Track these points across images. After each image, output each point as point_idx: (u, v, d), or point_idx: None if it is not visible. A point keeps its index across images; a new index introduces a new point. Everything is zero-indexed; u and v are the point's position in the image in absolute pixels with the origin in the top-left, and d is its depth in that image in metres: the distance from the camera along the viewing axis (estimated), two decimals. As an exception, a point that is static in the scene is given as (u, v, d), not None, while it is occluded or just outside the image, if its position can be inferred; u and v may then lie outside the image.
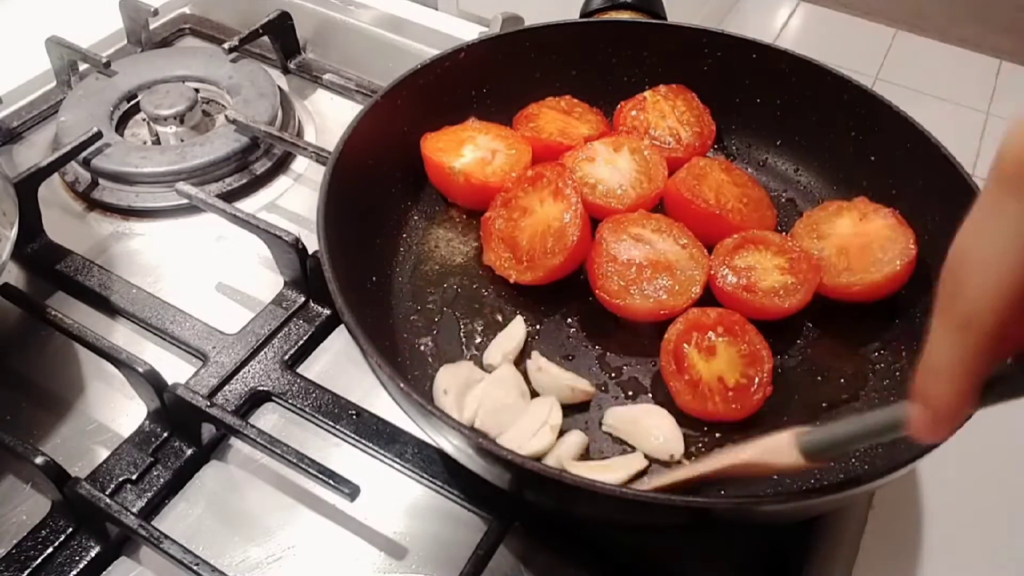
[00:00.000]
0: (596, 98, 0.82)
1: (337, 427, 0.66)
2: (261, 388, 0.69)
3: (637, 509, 0.49)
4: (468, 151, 0.76)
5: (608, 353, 0.67)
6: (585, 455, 0.60)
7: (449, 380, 0.62)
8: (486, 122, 0.78)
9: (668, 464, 0.60)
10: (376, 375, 0.55)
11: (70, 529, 0.59)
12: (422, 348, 0.67)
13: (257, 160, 0.89)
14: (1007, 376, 0.34)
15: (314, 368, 0.72)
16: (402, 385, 0.51)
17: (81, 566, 0.58)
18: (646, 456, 0.60)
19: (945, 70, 3.01)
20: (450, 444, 0.53)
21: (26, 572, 0.57)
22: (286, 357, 0.71)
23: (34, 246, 0.79)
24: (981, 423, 0.49)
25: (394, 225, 0.74)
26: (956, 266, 0.33)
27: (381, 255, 0.72)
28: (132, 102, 0.94)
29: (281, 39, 1.01)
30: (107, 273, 0.77)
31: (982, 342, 0.33)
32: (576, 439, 0.60)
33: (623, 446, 0.61)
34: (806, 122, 0.78)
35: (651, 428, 0.60)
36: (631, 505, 0.48)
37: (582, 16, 0.90)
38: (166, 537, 0.56)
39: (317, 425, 0.67)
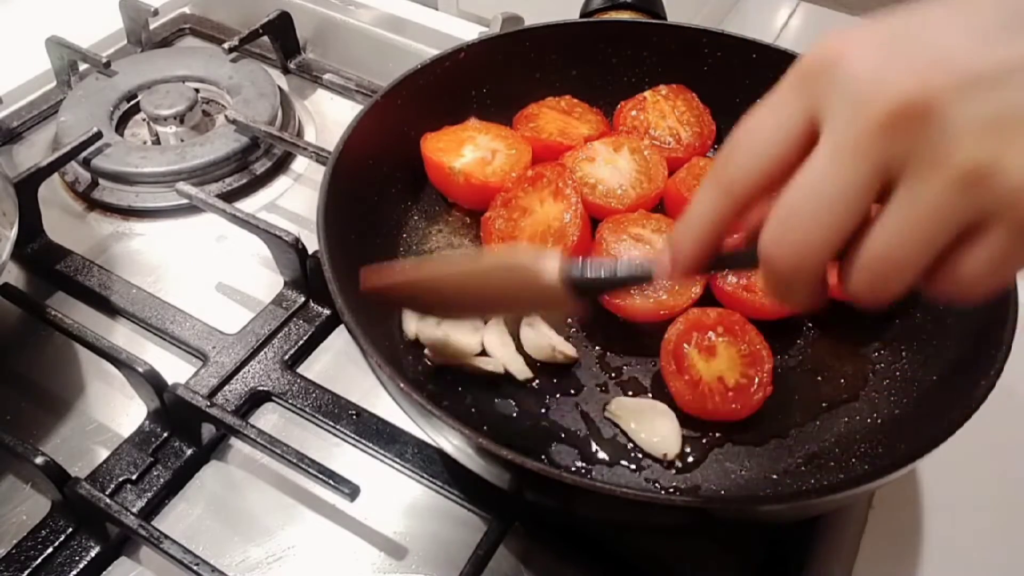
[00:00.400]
0: (596, 98, 0.82)
1: (337, 427, 0.66)
2: (261, 388, 0.69)
3: (636, 509, 0.49)
4: (468, 151, 0.75)
5: (608, 353, 0.67)
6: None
7: None
8: (486, 122, 0.78)
9: (660, 462, 0.60)
10: (376, 375, 0.55)
11: (70, 529, 0.59)
12: (422, 348, 0.67)
13: (257, 160, 0.89)
14: (737, 253, 0.41)
15: (314, 368, 0.72)
16: (402, 385, 0.51)
17: (81, 566, 0.58)
18: (641, 451, 0.60)
19: (946, 70, 3.01)
20: (450, 444, 0.53)
21: (26, 572, 0.57)
22: (286, 357, 0.71)
23: (34, 246, 0.79)
24: (981, 423, 0.49)
25: (394, 225, 0.74)
26: (736, 139, 0.38)
27: (381, 255, 0.71)
28: (132, 102, 0.94)
29: (281, 39, 1.01)
30: (107, 273, 0.77)
31: (732, 207, 0.39)
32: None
33: (616, 431, 0.61)
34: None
35: (653, 423, 0.61)
36: (630, 505, 0.48)
37: (582, 16, 0.90)
38: (166, 537, 0.56)
39: (317, 425, 0.67)
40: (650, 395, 0.64)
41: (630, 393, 0.64)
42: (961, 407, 0.51)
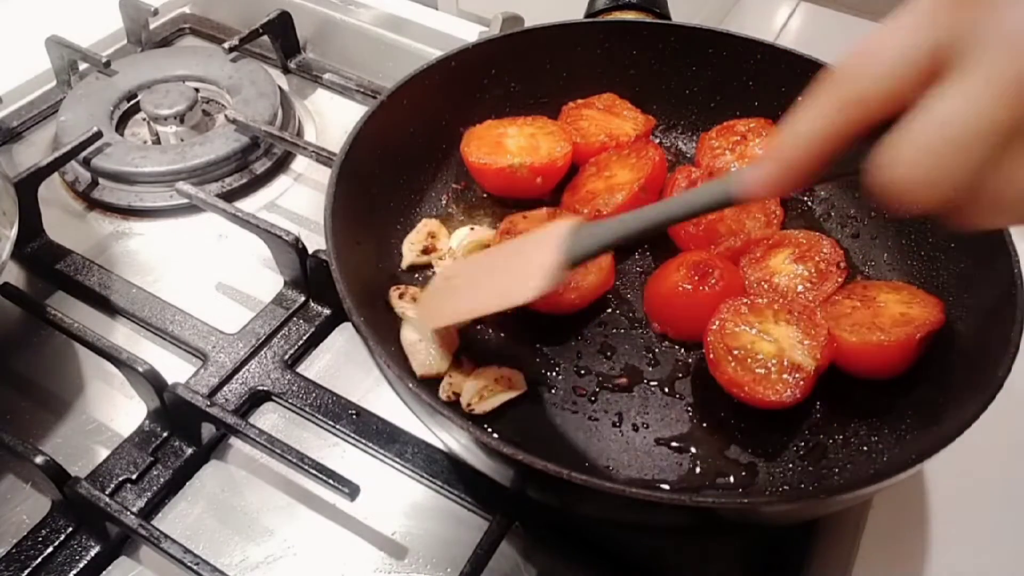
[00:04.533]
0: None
1: (337, 427, 0.66)
2: (261, 388, 0.68)
3: (642, 509, 0.49)
4: (512, 145, 0.76)
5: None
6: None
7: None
8: (500, 119, 0.79)
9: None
10: (384, 374, 0.55)
11: (70, 529, 0.59)
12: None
13: (257, 160, 0.89)
14: (843, 161, 0.40)
15: (314, 368, 0.72)
16: (411, 385, 0.51)
17: (81, 565, 0.58)
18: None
19: (945, 70, 3.00)
20: (457, 443, 0.53)
21: (26, 571, 0.57)
22: (286, 357, 0.71)
23: (34, 246, 0.78)
24: (981, 422, 0.49)
25: (401, 225, 0.74)
26: (864, 53, 0.38)
27: (388, 254, 0.71)
28: (132, 102, 0.94)
29: (281, 39, 1.01)
30: (107, 273, 0.77)
31: (849, 120, 0.39)
32: None
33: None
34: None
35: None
36: (636, 505, 0.48)
37: (587, 16, 0.90)
38: (166, 537, 0.56)
39: (317, 425, 0.67)
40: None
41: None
42: (967, 409, 0.51)
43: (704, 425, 0.62)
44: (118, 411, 0.68)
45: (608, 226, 0.56)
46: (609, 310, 0.69)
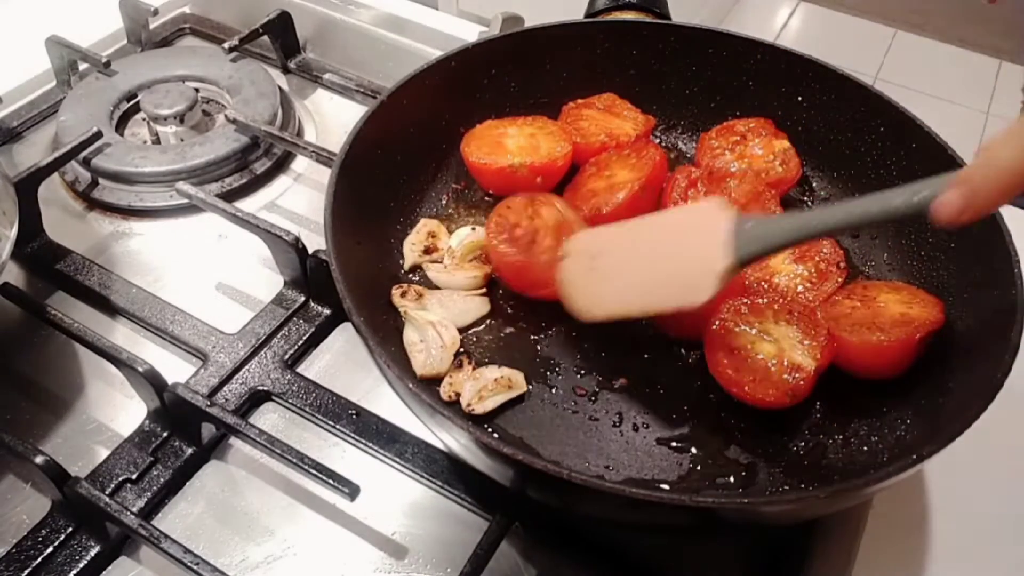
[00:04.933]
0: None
1: (337, 427, 0.66)
2: (261, 388, 0.68)
3: (642, 509, 0.49)
4: (512, 144, 0.76)
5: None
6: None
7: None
8: (501, 119, 0.78)
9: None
10: (384, 374, 0.55)
11: (70, 528, 0.59)
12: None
13: (257, 160, 0.89)
14: None
15: (314, 368, 0.72)
16: (411, 385, 0.51)
17: (81, 565, 0.58)
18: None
19: (945, 70, 3.01)
20: (457, 443, 0.53)
21: (26, 571, 0.57)
22: (286, 357, 0.71)
23: (34, 246, 0.78)
24: (981, 422, 0.49)
25: (401, 225, 0.74)
26: None
27: (388, 254, 0.71)
28: (132, 102, 0.94)
29: (281, 39, 1.01)
30: (107, 273, 0.77)
31: None
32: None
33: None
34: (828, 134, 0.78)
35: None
36: (636, 505, 0.48)
37: (587, 16, 0.90)
38: (166, 537, 0.56)
39: (317, 425, 0.67)
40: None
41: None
42: (967, 409, 0.51)
43: (704, 425, 0.62)
44: (118, 411, 0.68)
45: (776, 226, 0.54)
46: (609, 310, 0.69)
